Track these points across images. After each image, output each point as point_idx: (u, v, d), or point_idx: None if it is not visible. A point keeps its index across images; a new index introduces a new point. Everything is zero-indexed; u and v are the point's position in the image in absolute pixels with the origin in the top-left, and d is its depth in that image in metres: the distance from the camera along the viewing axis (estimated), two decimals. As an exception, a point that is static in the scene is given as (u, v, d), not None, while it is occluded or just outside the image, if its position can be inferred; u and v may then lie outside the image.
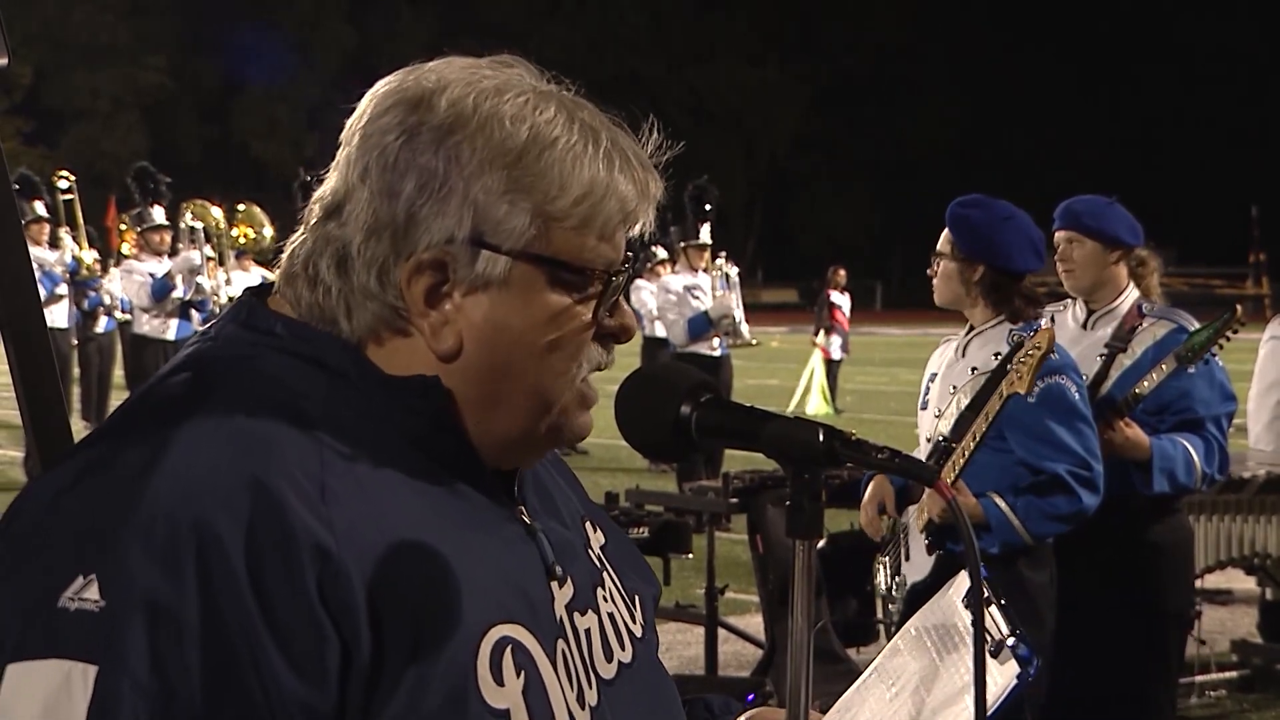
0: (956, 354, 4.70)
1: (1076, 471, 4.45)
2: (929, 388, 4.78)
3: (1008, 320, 4.59)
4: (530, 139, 1.46)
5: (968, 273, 4.60)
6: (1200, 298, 28.53)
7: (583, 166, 1.47)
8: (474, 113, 1.46)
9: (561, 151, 1.47)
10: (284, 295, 1.51)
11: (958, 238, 4.61)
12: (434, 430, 1.48)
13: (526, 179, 1.45)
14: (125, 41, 61.07)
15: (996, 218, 4.62)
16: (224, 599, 1.30)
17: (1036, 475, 4.47)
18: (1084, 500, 4.46)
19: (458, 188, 1.44)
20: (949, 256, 4.63)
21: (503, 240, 1.45)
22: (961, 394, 4.57)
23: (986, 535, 4.40)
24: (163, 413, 1.41)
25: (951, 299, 4.67)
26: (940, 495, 1.44)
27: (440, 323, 1.47)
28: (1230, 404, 5.07)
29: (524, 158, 1.46)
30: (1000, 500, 4.42)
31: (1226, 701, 7.15)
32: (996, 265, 4.58)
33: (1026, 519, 4.42)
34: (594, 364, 1.53)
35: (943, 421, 4.59)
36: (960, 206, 4.68)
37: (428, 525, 1.43)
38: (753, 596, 7.86)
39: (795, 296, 54.95)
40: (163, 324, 13.46)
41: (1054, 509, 4.44)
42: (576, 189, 1.47)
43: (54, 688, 1.28)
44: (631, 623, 1.65)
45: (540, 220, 1.46)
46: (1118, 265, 5.07)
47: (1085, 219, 5.04)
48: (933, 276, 4.72)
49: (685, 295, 13.07)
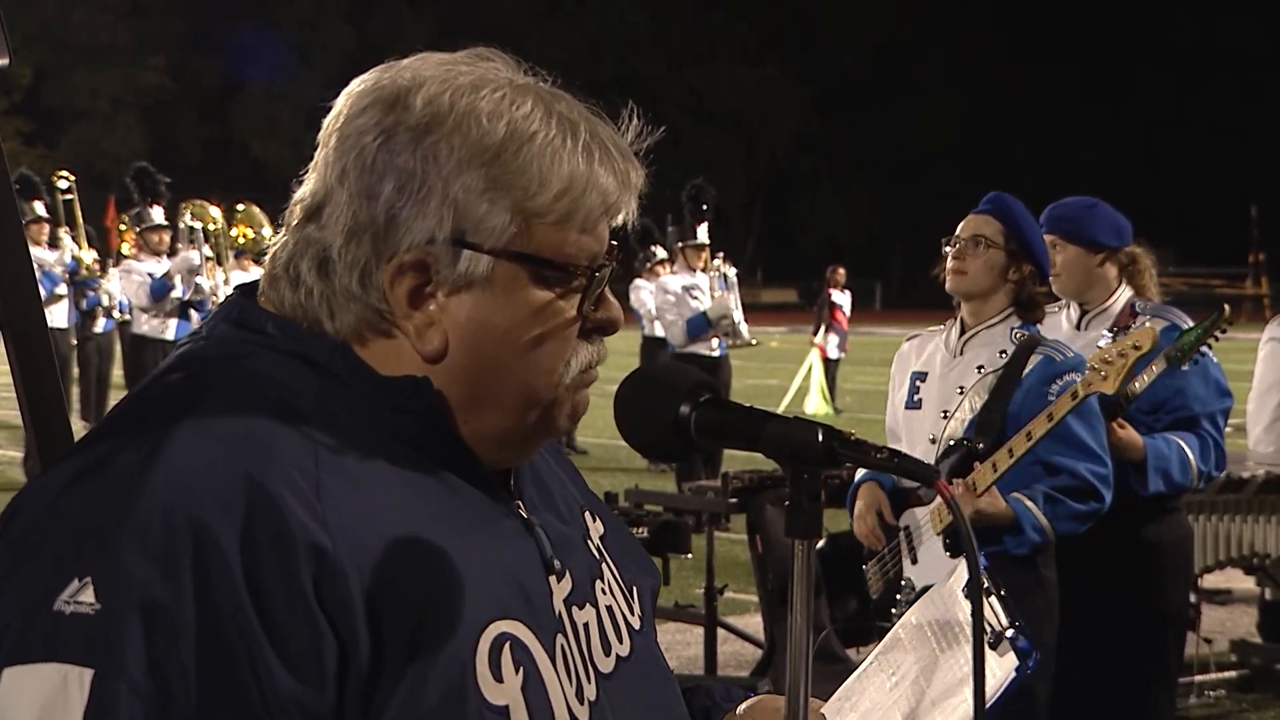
0: (952, 352, 4.62)
1: (1096, 470, 4.45)
2: (918, 386, 4.68)
3: (1017, 316, 4.58)
4: (508, 135, 1.45)
5: (1013, 269, 4.52)
6: (1200, 298, 28.51)
7: (562, 161, 1.47)
8: (450, 111, 1.45)
9: (540, 146, 1.46)
10: (268, 297, 1.51)
11: (1017, 231, 4.51)
12: (425, 429, 1.48)
13: (505, 176, 1.45)
14: (125, 42, 61.03)
15: (1035, 222, 4.61)
16: (220, 599, 1.30)
17: (1054, 474, 4.44)
18: (1105, 499, 4.46)
19: (437, 188, 1.44)
20: (998, 247, 4.51)
21: (484, 239, 1.45)
22: (974, 394, 4.51)
23: (1016, 537, 4.37)
24: (157, 413, 1.41)
25: (984, 288, 4.53)
26: (940, 495, 1.44)
27: (425, 324, 1.47)
28: (1226, 400, 5.06)
29: (502, 155, 1.45)
30: (1029, 502, 4.39)
31: (1225, 701, 7.15)
32: (1039, 270, 4.57)
33: (1054, 519, 4.40)
34: (584, 363, 1.53)
35: (953, 422, 4.53)
36: (1012, 201, 4.59)
37: (424, 522, 1.43)
38: (752, 596, 7.87)
39: (795, 296, 54.93)
40: (162, 324, 13.46)
41: (1077, 509, 4.42)
42: (556, 184, 1.46)
43: (51, 691, 1.28)
44: (630, 615, 1.65)
45: (521, 217, 1.46)
46: (1104, 267, 5.06)
47: (1064, 224, 5.02)
48: (950, 260, 4.56)
49: (684, 295, 13.07)
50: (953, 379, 4.59)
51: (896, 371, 4.81)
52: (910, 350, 4.80)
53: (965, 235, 4.56)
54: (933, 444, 4.57)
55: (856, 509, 4.73)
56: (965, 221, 4.61)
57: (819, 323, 21.53)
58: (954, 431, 4.53)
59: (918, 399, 4.68)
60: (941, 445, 4.54)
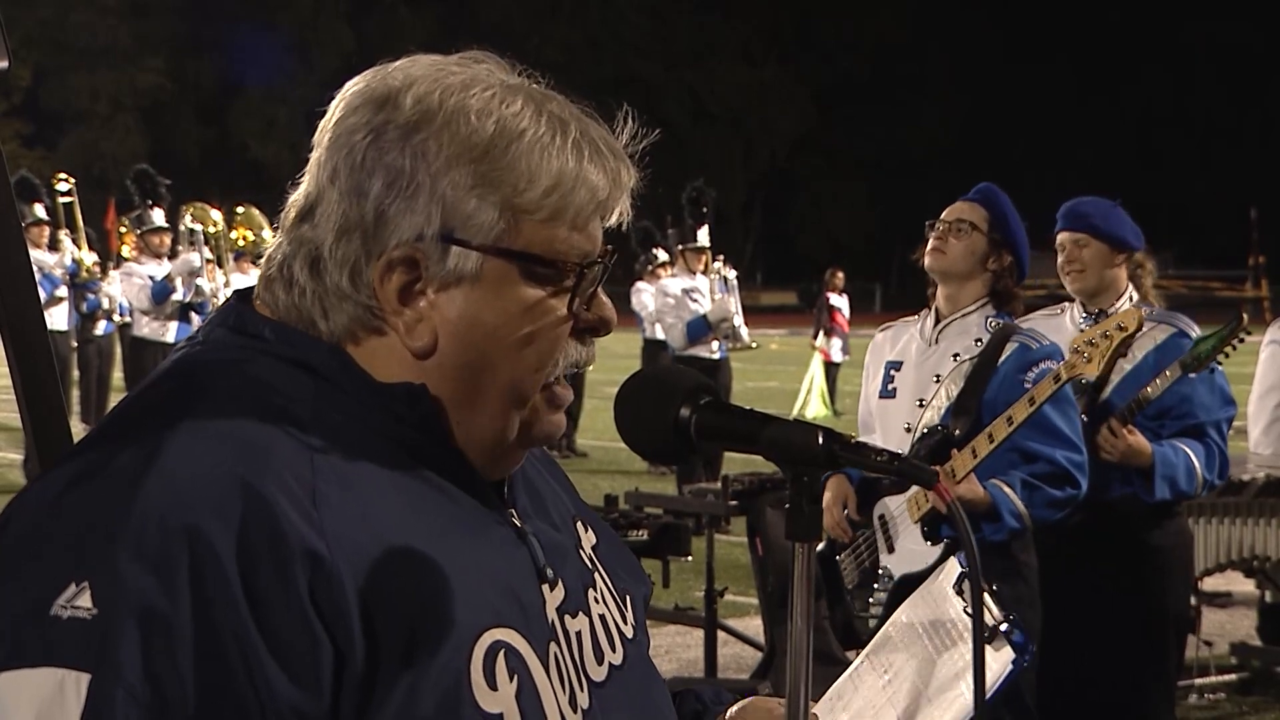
0: (928, 341, 4.62)
1: (1072, 457, 4.45)
2: (892, 376, 4.68)
3: (992, 305, 4.58)
4: (497, 132, 1.46)
5: (992, 258, 4.55)
6: (1199, 300, 28.52)
7: (550, 157, 1.47)
8: (439, 109, 1.46)
9: (529, 143, 1.46)
10: (263, 300, 1.52)
11: (1000, 221, 4.54)
12: (421, 436, 1.48)
13: (494, 173, 1.45)
14: (124, 43, 61.03)
15: (1018, 216, 4.63)
16: (217, 605, 1.30)
17: (1030, 461, 4.45)
18: (1081, 486, 4.46)
19: (425, 184, 1.44)
20: (981, 233, 4.54)
21: (473, 235, 1.45)
22: (950, 382, 4.52)
23: (994, 524, 4.37)
24: (154, 418, 1.41)
25: (962, 271, 4.56)
26: (940, 498, 1.44)
27: (415, 320, 1.47)
28: (1230, 409, 5.07)
29: (491, 151, 1.45)
30: (1007, 488, 4.39)
31: (1225, 704, 7.15)
32: (1019, 264, 4.59)
33: (1031, 506, 4.40)
34: (572, 361, 1.52)
35: (929, 411, 4.54)
36: (1000, 195, 4.62)
37: (419, 529, 1.43)
38: (752, 599, 7.86)
39: (794, 299, 54.90)
40: (162, 327, 13.44)
41: (1054, 496, 4.43)
42: (545, 180, 1.46)
43: (47, 696, 1.28)
44: (622, 623, 1.65)
45: (510, 214, 1.46)
46: (1120, 268, 5.08)
47: (1095, 220, 5.04)
48: (932, 240, 4.59)
49: (684, 298, 13.07)
50: (928, 367, 4.60)
51: (870, 362, 4.82)
52: (884, 340, 4.82)
53: (950, 218, 4.60)
54: (908, 432, 4.57)
55: (824, 500, 4.70)
56: (952, 207, 4.65)
57: (818, 326, 21.53)
58: (930, 419, 4.53)
59: (892, 388, 4.69)
60: (917, 433, 4.55)
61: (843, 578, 4.79)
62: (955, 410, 4.47)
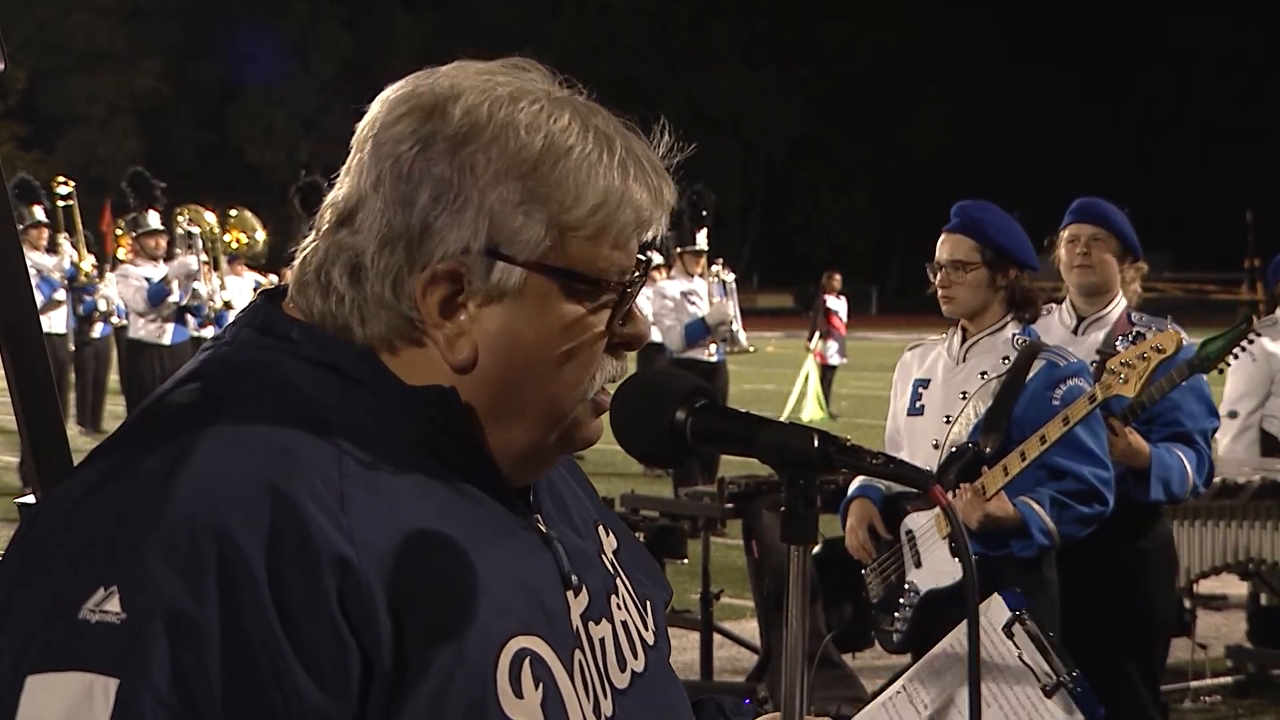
0: (955, 359, 4.65)
1: (1099, 474, 4.47)
2: (920, 393, 4.71)
3: (1016, 321, 4.59)
4: (545, 148, 1.45)
5: (999, 278, 4.56)
6: (1195, 303, 28.54)
7: (598, 176, 1.46)
8: (489, 122, 1.45)
9: (577, 161, 1.45)
10: (296, 303, 1.50)
11: (990, 242, 4.54)
12: (450, 440, 1.47)
13: (542, 189, 1.44)
14: (121, 46, 61.03)
15: (1008, 218, 4.63)
16: (246, 610, 1.29)
17: (1058, 478, 4.46)
18: (1109, 503, 4.48)
19: (473, 198, 1.43)
20: (976, 265, 4.55)
21: (518, 251, 1.44)
22: (977, 399, 4.54)
23: (1024, 541, 4.39)
24: (181, 419, 1.40)
25: (977, 307, 4.58)
26: (936, 501, 1.44)
27: (455, 334, 1.46)
28: (1214, 420, 5.14)
29: (539, 167, 1.44)
30: (1037, 505, 4.41)
31: (1221, 707, 7.15)
32: (1026, 267, 4.59)
33: (1060, 523, 4.42)
34: (608, 376, 1.52)
35: (956, 427, 4.56)
36: (979, 211, 4.62)
37: (446, 534, 1.42)
38: (748, 602, 7.86)
39: (791, 301, 54.96)
40: (158, 329, 13.42)
41: (1083, 513, 4.45)
42: (592, 199, 1.46)
43: (75, 700, 1.27)
44: (644, 629, 1.64)
45: (555, 230, 1.45)
46: (1122, 272, 5.12)
47: (1114, 218, 5.08)
48: (939, 289, 4.61)
49: (682, 301, 13.07)
50: (956, 384, 4.62)
51: (898, 380, 4.85)
52: (912, 359, 4.84)
53: (944, 260, 4.61)
54: (936, 449, 4.59)
55: (849, 523, 4.77)
56: (941, 242, 4.65)
57: (814, 329, 21.54)
58: (958, 436, 4.55)
59: (920, 405, 4.71)
60: (945, 450, 4.56)
61: (869, 591, 4.81)
62: (984, 427, 4.49)
